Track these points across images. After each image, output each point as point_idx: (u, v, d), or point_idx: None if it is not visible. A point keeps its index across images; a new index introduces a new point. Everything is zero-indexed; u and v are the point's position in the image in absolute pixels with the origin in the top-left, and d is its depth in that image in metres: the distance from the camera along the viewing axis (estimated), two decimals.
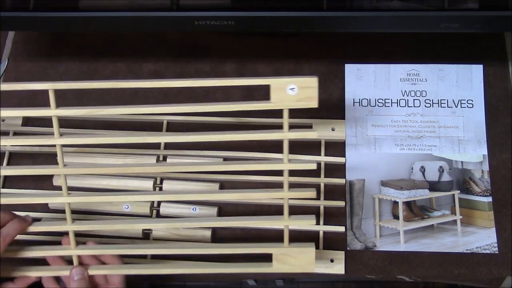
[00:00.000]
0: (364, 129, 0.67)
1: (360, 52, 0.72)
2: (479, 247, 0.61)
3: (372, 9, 0.54)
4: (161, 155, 0.66)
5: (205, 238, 0.62)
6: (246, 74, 0.70)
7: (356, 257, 0.62)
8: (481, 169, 0.65)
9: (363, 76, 0.70)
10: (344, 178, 0.65)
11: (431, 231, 0.63)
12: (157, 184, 0.65)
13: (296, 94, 0.46)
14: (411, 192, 0.64)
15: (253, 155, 0.65)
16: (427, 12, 0.54)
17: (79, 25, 0.58)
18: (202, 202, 0.64)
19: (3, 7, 0.56)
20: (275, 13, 0.54)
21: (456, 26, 0.54)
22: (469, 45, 0.71)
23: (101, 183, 0.64)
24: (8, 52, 0.76)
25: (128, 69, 0.72)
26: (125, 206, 0.63)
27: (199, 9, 0.55)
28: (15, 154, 0.68)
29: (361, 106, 0.68)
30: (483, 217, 0.63)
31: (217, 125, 0.67)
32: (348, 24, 0.56)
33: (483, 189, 0.64)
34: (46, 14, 0.57)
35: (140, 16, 0.56)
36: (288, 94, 0.46)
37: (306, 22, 0.55)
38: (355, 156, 0.66)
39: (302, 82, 0.46)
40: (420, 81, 0.69)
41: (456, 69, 0.69)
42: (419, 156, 0.66)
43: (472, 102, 0.68)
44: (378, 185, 0.65)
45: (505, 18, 0.53)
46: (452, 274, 0.61)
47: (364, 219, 0.63)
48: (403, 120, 0.67)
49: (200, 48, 0.74)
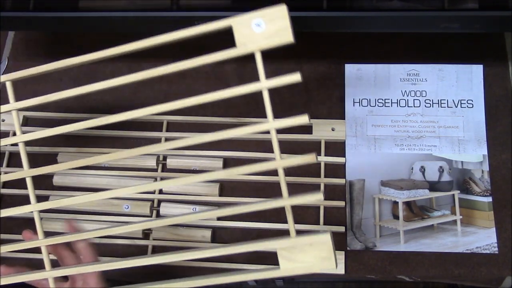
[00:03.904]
0: (364, 129, 0.67)
1: (360, 52, 0.72)
2: (479, 247, 0.61)
3: (372, 9, 0.54)
4: (161, 155, 0.66)
5: (205, 238, 0.62)
6: (246, 74, 0.70)
7: (356, 257, 0.62)
8: (481, 169, 0.65)
9: (363, 76, 0.70)
10: (344, 178, 0.65)
11: (431, 231, 0.63)
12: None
13: (264, 31, 0.38)
14: (411, 192, 0.64)
15: (254, 155, 0.65)
16: (427, 12, 0.54)
17: (79, 25, 0.58)
18: (202, 202, 0.64)
19: (3, 7, 0.56)
20: None
21: (456, 26, 0.55)
22: (469, 45, 0.71)
23: (101, 183, 0.64)
24: (8, 52, 0.76)
25: (128, 69, 0.72)
26: (125, 206, 0.63)
27: (199, 9, 0.55)
28: (15, 154, 0.68)
29: (361, 106, 0.68)
30: (483, 217, 0.63)
31: (217, 125, 0.68)
32: (348, 24, 0.56)
33: (483, 189, 0.64)
34: (46, 14, 0.57)
35: (140, 16, 0.56)
36: (255, 33, 0.39)
37: (306, 22, 0.55)
38: (355, 156, 0.66)
39: (268, 14, 0.38)
40: (420, 81, 0.69)
41: (456, 69, 0.69)
42: (419, 156, 0.66)
43: (472, 102, 0.68)
44: (378, 185, 0.65)
45: (505, 18, 0.53)
46: (452, 274, 0.61)
47: (364, 219, 0.63)
48: (403, 120, 0.67)
49: (200, 48, 0.73)
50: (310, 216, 0.63)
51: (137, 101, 0.71)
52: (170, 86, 0.71)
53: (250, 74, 0.72)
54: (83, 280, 0.48)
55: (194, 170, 0.65)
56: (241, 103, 0.68)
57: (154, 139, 0.68)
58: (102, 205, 0.63)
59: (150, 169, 0.66)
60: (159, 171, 0.65)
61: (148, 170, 0.65)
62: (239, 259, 0.61)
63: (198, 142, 0.43)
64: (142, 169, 0.65)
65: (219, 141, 0.68)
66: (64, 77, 0.73)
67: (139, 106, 0.69)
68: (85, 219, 0.63)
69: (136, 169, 0.65)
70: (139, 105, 0.70)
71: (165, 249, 0.63)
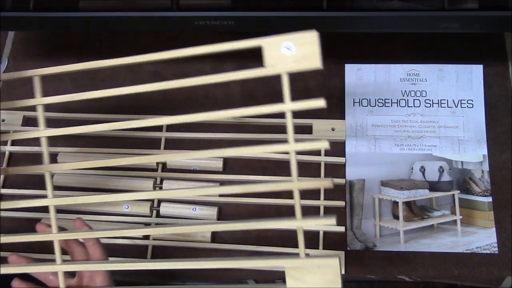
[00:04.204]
0: (364, 129, 0.67)
1: (360, 52, 0.72)
2: (479, 247, 0.61)
3: (372, 9, 0.54)
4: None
5: (205, 238, 0.62)
6: None
7: (356, 257, 0.62)
8: (481, 169, 0.65)
9: (363, 76, 0.70)
10: (344, 178, 0.65)
11: (431, 231, 0.63)
12: (157, 184, 0.65)
13: (293, 54, 0.39)
14: (411, 192, 0.64)
15: (253, 155, 0.65)
16: (427, 12, 0.54)
17: (79, 25, 0.58)
18: (202, 202, 0.64)
19: (3, 7, 0.56)
20: (275, 13, 0.54)
21: (456, 26, 0.55)
22: (469, 45, 0.71)
23: (101, 183, 0.64)
24: (8, 52, 0.76)
25: (128, 69, 0.72)
26: (125, 206, 0.63)
27: (199, 9, 0.55)
28: (15, 154, 0.68)
29: (361, 106, 0.68)
30: (483, 217, 0.63)
31: (217, 125, 0.68)
32: (348, 24, 0.56)
33: (483, 189, 0.64)
34: (46, 14, 0.57)
35: (140, 16, 0.56)
36: (284, 55, 0.39)
37: (306, 22, 0.55)
38: (355, 156, 0.66)
39: (299, 38, 0.39)
40: (420, 81, 0.69)
41: (456, 69, 0.69)
42: (419, 156, 0.66)
43: (472, 102, 0.68)
44: (378, 185, 0.65)
45: (505, 18, 0.53)
46: (452, 274, 0.61)
47: (364, 219, 0.63)
48: (403, 120, 0.67)
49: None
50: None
51: (137, 101, 0.70)
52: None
53: None
54: (90, 277, 0.48)
55: (194, 170, 0.65)
56: (241, 103, 0.68)
57: (154, 139, 0.68)
58: (102, 205, 0.63)
59: (150, 169, 0.66)
60: (159, 171, 0.65)
61: (148, 170, 0.65)
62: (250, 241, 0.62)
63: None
64: (143, 169, 0.65)
65: (219, 141, 0.68)
66: (65, 77, 0.73)
67: (139, 106, 0.70)
68: (85, 219, 0.63)
69: (136, 169, 0.65)
70: (140, 105, 0.70)
71: (165, 249, 0.63)
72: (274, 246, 0.62)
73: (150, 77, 0.72)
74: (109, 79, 0.72)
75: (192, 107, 0.69)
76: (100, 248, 0.48)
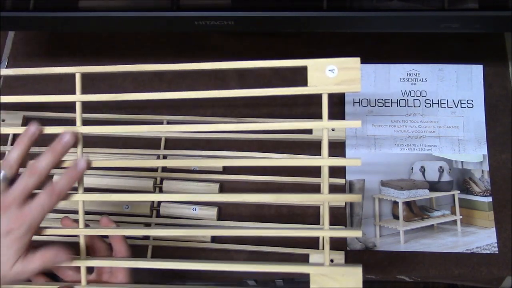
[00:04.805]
0: (364, 129, 0.67)
1: (360, 52, 0.71)
2: (479, 247, 0.61)
3: (372, 9, 0.54)
4: (161, 155, 0.66)
5: (205, 238, 0.62)
6: (246, 74, 0.70)
7: (356, 257, 0.62)
8: (481, 169, 0.65)
9: (363, 76, 0.70)
10: (344, 178, 0.65)
11: (431, 231, 0.63)
12: (157, 184, 0.65)
13: (336, 76, 0.42)
14: (411, 192, 0.64)
15: (253, 155, 0.65)
16: (427, 12, 0.54)
17: (79, 25, 0.58)
18: (202, 202, 0.64)
19: (3, 7, 0.56)
20: (275, 13, 0.54)
21: (456, 26, 0.54)
22: (469, 45, 0.71)
23: (101, 183, 0.64)
24: (8, 52, 0.76)
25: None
26: (125, 206, 0.63)
27: (199, 9, 0.55)
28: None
29: (361, 106, 0.68)
30: (483, 217, 0.63)
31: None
32: (348, 24, 0.56)
33: (483, 189, 0.64)
34: (46, 14, 0.57)
35: (140, 16, 0.56)
36: (327, 77, 0.42)
37: (306, 22, 0.55)
38: (355, 156, 0.66)
39: (342, 63, 0.42)
40: (420, 81, 0.69)
41: (456, 69, 0.69)
42: (419, 156, 0.66)
43: (472, 102, 0.68)
44: (378, 185, 0.65)
45: (505, 18, 0.53)
46: (452, 274, 0.61)
47: (364, 219, 0.63)
48: (403, 120, 0.67)
49: (200, 48, 0.74)
50: (310, 216, 0.63)
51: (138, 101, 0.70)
52: (170, 86, 0.71)
53: (250, 75, 0.72)
54: (110, 273, 0.49)
55: (194, 170, 0.65)
56: (241, 103, 0.68)
57: (154, 139, 0.68)
58: (102, 205, 0.63)
59: (150, 169, 0.66)
60: (159, 171, 0.65)
61: (148, 170, 0.65)
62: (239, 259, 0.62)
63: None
64: (143, 169, 0.65)
65: (218, 141, 0.68)
66: (65, 77, 0.73)
67: (140, 106, 0.69)
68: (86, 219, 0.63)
69: (136, 169, 0.65)
70: (140, 105, 0.70)
71: (165, 249, 0.63)
72: (274, 246, 0.62)
73: (150, 77, 0.72)
74: (109, 79, 0.72)
75: (194, 106, 0.69)
76: (126, 245, 0.50)
